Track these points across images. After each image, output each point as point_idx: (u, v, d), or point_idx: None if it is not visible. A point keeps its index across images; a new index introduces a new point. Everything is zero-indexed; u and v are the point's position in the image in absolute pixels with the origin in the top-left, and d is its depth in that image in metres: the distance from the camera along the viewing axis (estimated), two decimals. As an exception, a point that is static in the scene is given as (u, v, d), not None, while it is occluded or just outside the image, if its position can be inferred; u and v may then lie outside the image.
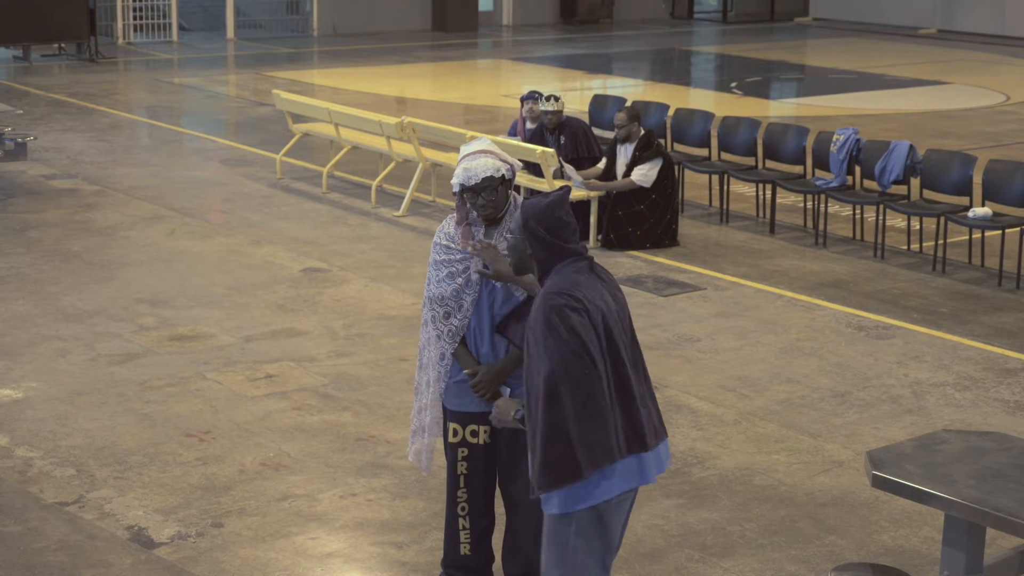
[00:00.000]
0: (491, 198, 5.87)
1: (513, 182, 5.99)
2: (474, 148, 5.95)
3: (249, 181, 15.03)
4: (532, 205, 5.26)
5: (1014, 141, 17.90)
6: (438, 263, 6.07)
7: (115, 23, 27.65)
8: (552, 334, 5.05)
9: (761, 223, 13.47)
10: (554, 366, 5.04)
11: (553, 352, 5.05)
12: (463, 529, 6.29)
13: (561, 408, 5.05)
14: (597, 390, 5.11)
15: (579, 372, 5.06)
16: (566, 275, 5.20)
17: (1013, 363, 9.67)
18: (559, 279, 5.19)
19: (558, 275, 5.21)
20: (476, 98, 21.86)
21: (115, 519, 7.12)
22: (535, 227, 5.22)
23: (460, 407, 6.14)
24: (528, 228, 5.23)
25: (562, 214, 5.26)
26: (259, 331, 10.06)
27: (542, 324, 5.08)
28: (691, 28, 33.06)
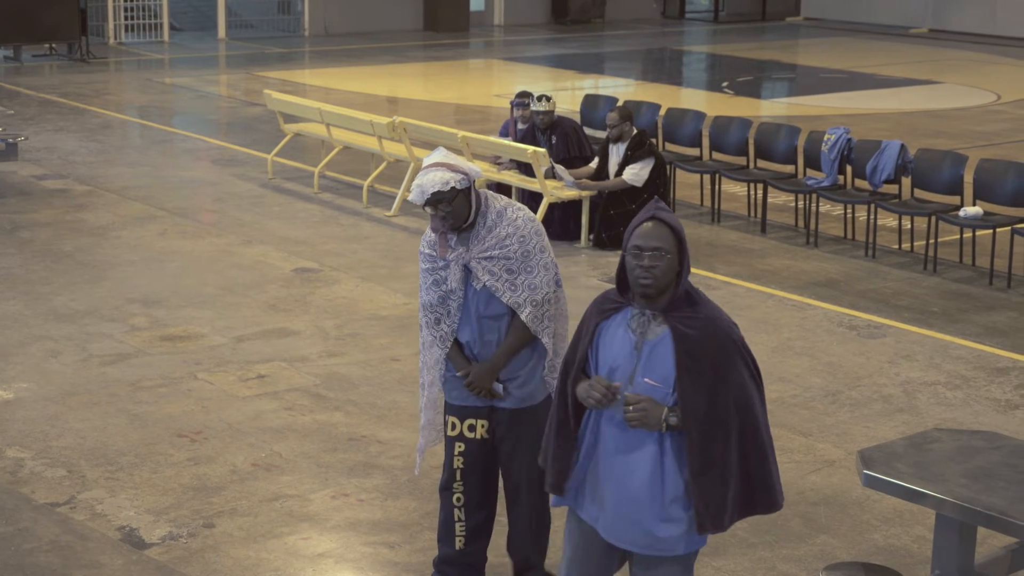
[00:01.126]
0: (447, 210, 5.95)
1: (471, 190, 6.00)
2: (427, 162, 6.04)
3: (240, 181, 15.02)
4: (675, 218, 4.99)
5: (1005, 140, 17.93)
6: (424, 271, 6.19)
7: (106, 23, 27.63)
8: (745, 366, 4.92)
9: (752, 223, 13.48)
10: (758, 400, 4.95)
11: (749, 383, 4.93)
12: (458, 521, 6.30)
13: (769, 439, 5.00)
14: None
15: (765, 406, 5.04)
16: (712, 303, 5.03)
17: (1004, 362, 9.68)
18: (715, 308, 4.99)
19: (701, 300, 5.00)
20: (468, 98, 21.86)
21: (106, 520, 7.11)
22: (685, 240, 4.99)
23: (459, 401, 6.17)
24: (682, 241, 4.96)
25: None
26: (250, 331, 10.05)
27: (734, 354, 4.90)
28: (682, 28, 33.07)
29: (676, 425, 4.84)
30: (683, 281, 4.93)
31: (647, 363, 4.89)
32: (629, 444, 4.92)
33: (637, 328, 4.94)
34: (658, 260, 4.84)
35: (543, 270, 6.07)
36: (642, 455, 4.90)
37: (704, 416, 4.82)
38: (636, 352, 4.92)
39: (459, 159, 6.08)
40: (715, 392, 4.83)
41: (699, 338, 4.85)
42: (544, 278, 6.06)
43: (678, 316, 4.89)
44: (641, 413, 4.82)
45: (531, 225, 6.09)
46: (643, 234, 4.87)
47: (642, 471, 4.90)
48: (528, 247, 6.04)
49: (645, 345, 4.90)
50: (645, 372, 4.88)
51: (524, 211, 6.15)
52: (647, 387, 4.86)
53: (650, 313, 4.92)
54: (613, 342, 4.98)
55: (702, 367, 4.83)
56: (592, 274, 11.64)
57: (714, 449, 4.84)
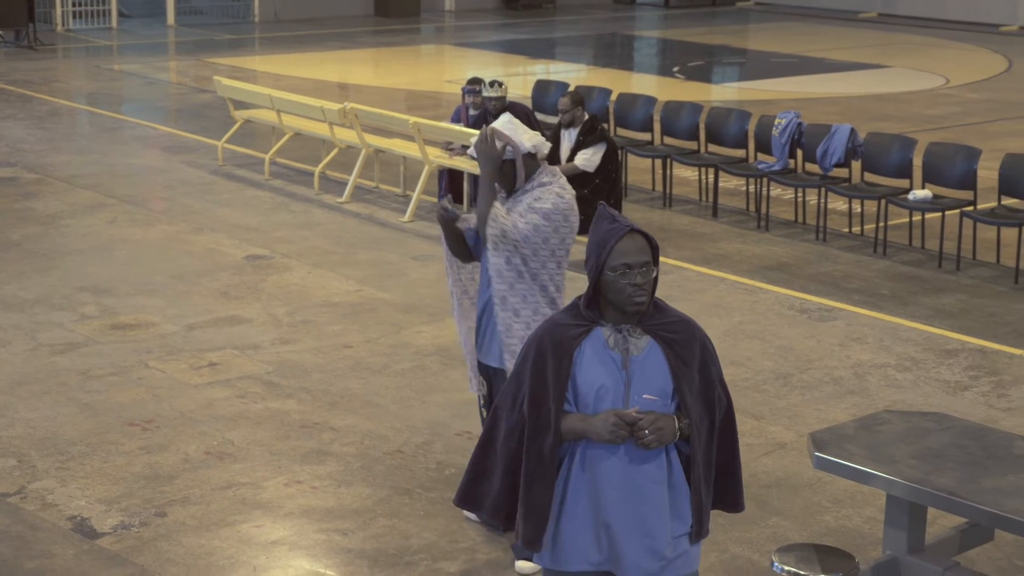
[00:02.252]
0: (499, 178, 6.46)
1: (519, 160, 6.42)
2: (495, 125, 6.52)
3: (190, 168, 14.94)
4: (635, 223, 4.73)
5: (954, 124, 18.04)
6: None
7: (54, 9, 27.39)
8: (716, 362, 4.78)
9: (704, 207, 13.52)
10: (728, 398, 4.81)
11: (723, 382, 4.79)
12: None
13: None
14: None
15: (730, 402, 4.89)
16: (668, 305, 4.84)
17: (953, 344, 9.75)
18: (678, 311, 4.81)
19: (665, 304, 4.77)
20: (419, 84, 21.81)
21: (57, 509, 7.07)
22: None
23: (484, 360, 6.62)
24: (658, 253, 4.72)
25: None
26: (202, 319, 10.01)
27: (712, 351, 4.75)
28: (633, 13, 33.10)
29: (687, 433, 4.60)
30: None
31: (640, 379, 4.58)
32: (633, 471, 4.59)
33: (617, 345, 4.61)
34: (648, 275, 4.56)
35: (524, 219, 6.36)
36: (648, 478, 4.60)
37: (703, 421, 4.65)
38: (623, 371, 4.58)
39: (516, 130, 6.44)
40: (706, 395, 4.66)
41: (683, 342, 4.63)
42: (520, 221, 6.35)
43: (654, 325, 4.63)
44: (658, 433, 4.51)
45: (557, 199, 6.40)
46: (627, 251, 4.56)
47: (652, 496, 4.60)
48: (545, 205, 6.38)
49: (632, 361, 4.59)
50: (641, 388, 4.58)
51: (564, 190, 6.47)
52: (647, 403, 4.57)
53: (626, 328, 4.62)
54: (593, 366, 4.60)
55: (691, 372, 4.63)
56: (544, 259, 11.62)
57: (711, 452, 4.70)
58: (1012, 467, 5.72)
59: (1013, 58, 25.05)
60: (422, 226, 12.67)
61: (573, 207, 6.44)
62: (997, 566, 6.61)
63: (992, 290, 10.97)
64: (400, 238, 12.31)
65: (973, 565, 6.47)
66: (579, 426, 4.57)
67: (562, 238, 6.41)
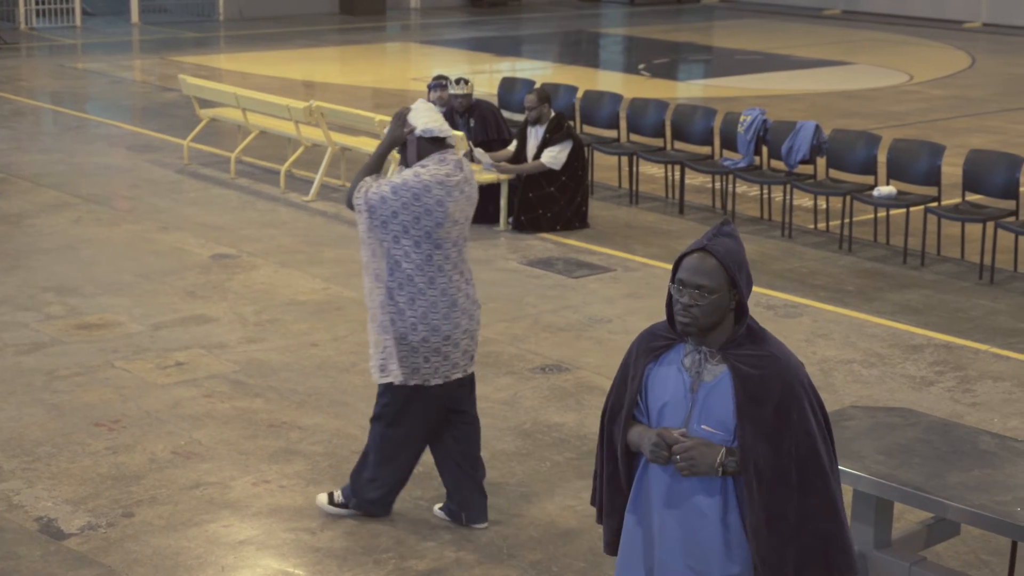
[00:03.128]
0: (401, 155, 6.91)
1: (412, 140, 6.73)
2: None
3: (156, 167, 14.89)
4: (733, 250, 4.41)
5: (918, 120, 18.13)
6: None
7: (17, 8, 27.25)
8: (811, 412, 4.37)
9: (670, 204, 13.55)
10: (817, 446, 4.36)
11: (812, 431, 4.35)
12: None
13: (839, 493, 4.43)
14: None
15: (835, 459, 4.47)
16: (777, 340, 4.45)
17: (919, 339, 9.80)
18: (777, 344, 4.42)
19: (765, 337, 4.43)
20: (385, 82, 21.78)
21: (24, 511, 7.04)
22: (743, 273, 4.41)
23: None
24: (738, 275, 4.38)
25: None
26: (168, 318, 9.98)
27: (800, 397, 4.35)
28: (599, 10, 33.13)
29: (734, 471, 4.31)
30: (744, 318, 4.38)
31: (703, 408, 4.35)
32: (684, 495, 4.39)
33: (692, 367, 4.38)
34: (699, 300, 4.29)
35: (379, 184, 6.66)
36: (696, 510, 4.38)
37: (766, 466, 4.28)
38: (691, 395, 4.36)
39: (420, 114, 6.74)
40: (779, 439, 4.28)
41: (762, 379, 4.29)
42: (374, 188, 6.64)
43: (738, 354, 4.34)
44: (690, 462, 4.30)
45: (412, 177, 6.60)
46: (688, 268, 4.34)
47: (700, 528, 4.39)
48: (396, 179, 6.64)
49: (701, 387, 4.35)
50: (702, 418, 4.34)
51: (427, 172, 6.61)
52: (705, 434, 4.33)
53: (706, 351, 4.37)
54: (665, 383, 4.42)
55: (765, 412, 4.28)
56: (511, 257, 11.65)
57: (777, 502, 4.30)
58: (978, 462, 5.75)
59: (976, 55, 25.20)
60: (389, 224, 12.64)
61: (429, 187, 6.56)
62: (964, 560, 6.65)
63: (957, 286, 11.03)
64: (367, 236, 12.27)
65: (940, 560, 6.51)
66: (635, 438, 4.46)
67: (415, 216, 6.55)
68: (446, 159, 6.70)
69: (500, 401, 8.55)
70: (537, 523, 7.00)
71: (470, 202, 6.75)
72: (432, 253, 6.59)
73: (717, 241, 4.36)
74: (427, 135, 6.68)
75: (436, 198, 6.55)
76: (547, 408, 8.46)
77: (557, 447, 7.90)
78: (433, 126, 6.69)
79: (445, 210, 6.55)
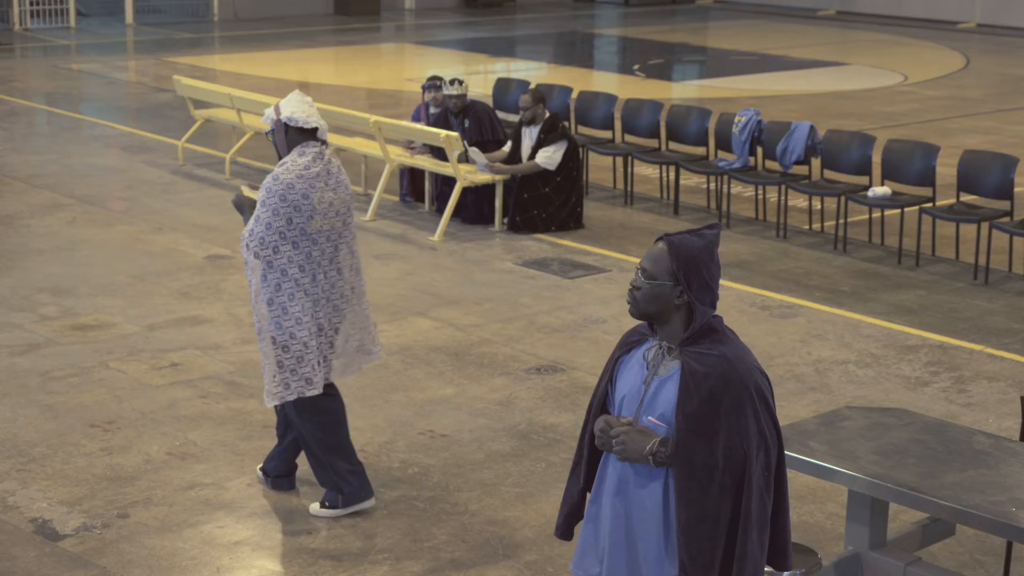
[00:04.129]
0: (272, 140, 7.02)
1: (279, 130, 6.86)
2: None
3: (150, 168, 14.88)
4: (689, 244, 4.41)
5: (912, 121, 18.14)
6: None
7: (11, 8, 27.22)
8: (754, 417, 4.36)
9: (665, 204, 13.55)
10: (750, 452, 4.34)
11: (748, 436, 4.34)
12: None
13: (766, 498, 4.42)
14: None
15: (769, 472, 4.43)
16: (737, 341, 4.46)
17: (913, 340, 9.81)
18: (735, 347, 4.42)
19: (724, 338, 4.43)
20: (379, 82, 21.78)
21: (19, 512, 7.03)
22: (697, 271, 4.40)
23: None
24: (688, 271, 4.38)
25: (717, 257, 4.50)
26: (163, 319, 9.97)
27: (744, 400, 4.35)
28: (593, 11, 33.14)
29: (664, 461, 4.36)
30: (701, 314, 4.39)
31: (652, 399, 4.43)
32: (630, 486, 4.47)
33: (652, 361, 4.47)
34: (640, 283, 4.39)
35: (254, 220, 6.69)
36: (639, 503, 4.45)
37: (698, 463, 4.32)
38: (644, 386, 4.46)
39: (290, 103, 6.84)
40: (713, 438, 4.31)
41: (706, 376, 4.33)
42: (250, 225, 6.69)
43: (691, 351, 4.39)
44: (622, 447, 4.38)
45: (269, 180, 6.72)
46: (647, 252, 4.46)
47: (641, 522, 4.45)
48: (260, 195, 6.72)
49: (654, 380, 4.44)
50: (649, 409, 4.42)
51: (284, 167, 6.73)
52: (651, 425, 4.40)
53: (666, 346, 4.45)
54: (628, 375, 4.53)
55: (704, 409, 4.32)
56: (506, 258, 11.65)
57: (704, 501, 4.33)
58: (972, 462, 5.75)
59: (971, 55, 25.22)
60: (384, 225, 12.66)
61: (292, 185, 6.67)
62: (959, 560, 6.66)
63: (951, 286, 11.04)
64: (361, 237, 12.28)
65: (935, 560, 6.52)
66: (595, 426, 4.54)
67: (287, 218, 6.66)
68: (306, 151, 6.79)
69: (495, 402, 8.55)
70: (532, 524, 7.00)
71: (336, 193, 6.81)
72: (311, 250, 6.71)
73: (682, 236, 4.43)
74: (291, 123, 6.79)
75: (300, 192, 6.67)
76: (542, 409, 8.46)
77: (552, 447, 7.90)
78: (298, 115, 6.79)
79: (311, 202, 6.67)
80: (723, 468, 4.32)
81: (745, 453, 4.33)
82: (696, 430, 4.32)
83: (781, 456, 4.47)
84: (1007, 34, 28.45)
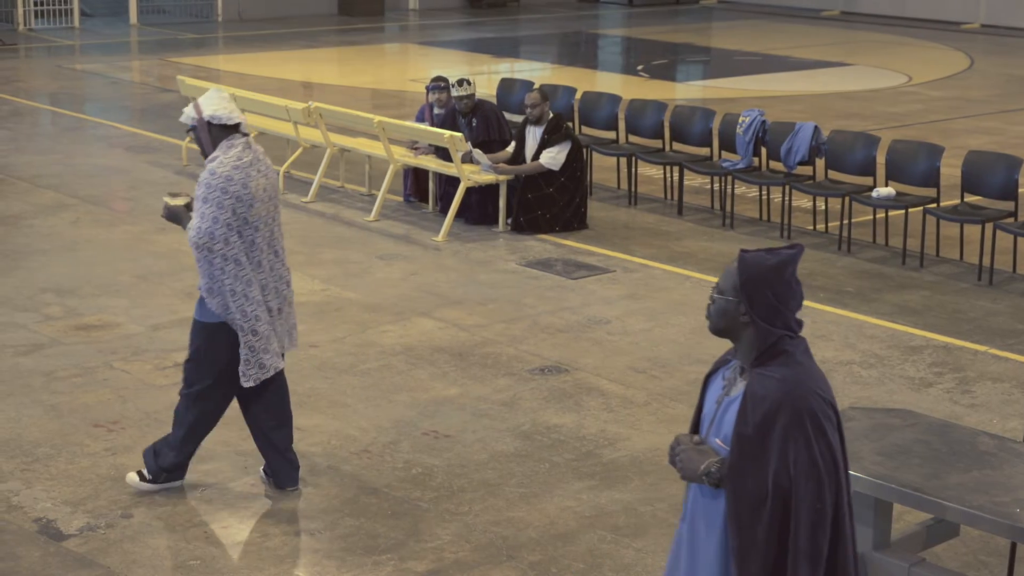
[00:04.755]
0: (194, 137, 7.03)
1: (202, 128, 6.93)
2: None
3: (154, 168, 14.88)
4: (759, 262, 4.36)
5: (916, 121, 18.13)
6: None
7: (15, 9, 27.23)
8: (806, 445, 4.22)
9: (669, 205, 13.55)
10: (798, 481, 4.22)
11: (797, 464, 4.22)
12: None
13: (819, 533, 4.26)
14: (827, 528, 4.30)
15: (823, 504, 4.25)
16: (808, 366, 4.34)
17: (917, 340, 9.80)
18: (801, 371, 4.30)
19: (791, 362, 4.31)
20: (383, 83, 21.78)
21: (23, 512, 7.03)
22: (761, 289, 4.33)
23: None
24: (751, 288, 4.32)
25: (793, 278, 4.42)
26: (167, 319, 9.97)
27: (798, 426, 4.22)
28: (597, 11, 33.13)
29: (716, 482, 4.29)
30: (764, 333, 4.32)
31: (720, 420, 4.37)
32: (699, 508, 4.42)
33: (728, 381, 4.43)
34: (711, 299, 4.37)
35: (199, 217, 6.80)
36: (710, 522, 4.39)
37: (749, 488, 4.23)
38: (716, 406, 4.42)
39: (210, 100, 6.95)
40: (764, 464, 4.22)
41: (763, 400, 4.23)
42: (196, 223, 6.80)
43: (757, 373, 4.30)
44: (680, 463, 4.35)
45: (207, 176, 6.82)
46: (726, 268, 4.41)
47: (702, 543, 4.41)
48: (198, 192, 6.84)
49: (725, 400, 4.38)
50: (717, 431, 4.37)
51: (218, 163, 6.82)
52: (717, 447, 4.36)
53: (739, 367, 4.40)
54: (711, 394, 4.49)
55: (757, 433, 4.22)
56: (510, 258, 11.65)
57: (756, 528, 4.23)
58: (976, 463, 5.75)
59: (975, 56, 25.20)
60: (387, 225, 12.66)
61: (230, 177, 6.82)
62: (963, 561, 6.65)
63: (956, 287, 11.03)
64: (365, 237, 12.29)
65: (939, 561, 6.51)
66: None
67: (232, 210, 6.82)
68: (233, 144, 6.91)
69: (499, 402, 8.55)
70: (536, 524, 7.00)
71: (268, 180, 7.00)
72: (254, 237, 6.90)
73: (756, 253, 4.37)
74: (215, 121, 6.91)
75: (240, 182, 6.82)
76: (546, 409, 8.46)
77: (556, 448, 7.89)
78: (221, 113, 6.92)
79: (250, 191, 6.84)
80: (772, 495, 4.22)
81: (791, 481, 4.21)
82: (748, 454, 4.24)
83: (840, 490, 4.30)
84: (1011, 35, 28.43)
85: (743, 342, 4.36)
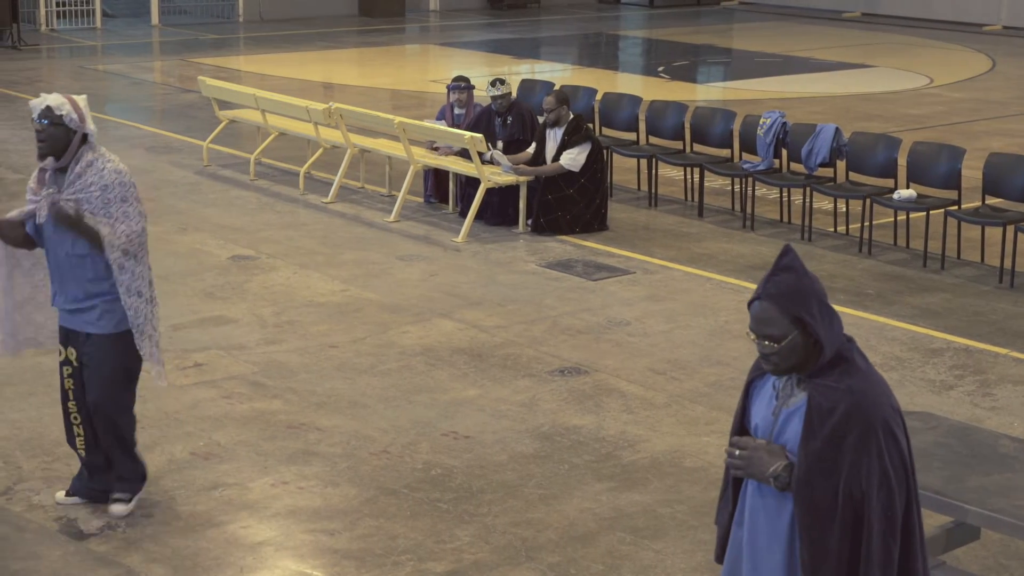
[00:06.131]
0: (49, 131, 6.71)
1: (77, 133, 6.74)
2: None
3: (175, 168, 14.92)
4: (786, 284, 4.32)
5: (938, 123, 18.08)
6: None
7: (38, 10, 27.34)
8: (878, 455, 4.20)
9: (689, 206, 13.53)
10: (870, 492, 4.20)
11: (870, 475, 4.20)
12: (78, 436, 7.04)
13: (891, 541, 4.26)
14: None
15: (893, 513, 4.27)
16: (868, 371, 4.34)
17: (938, 343, 9.77)
18: (864, 379, 4.30)
19: (853, 369, 4.31)
20: (404, 83, 21.80)
21: (44, 511, 7.05)
22: (807, 301, 4.31)
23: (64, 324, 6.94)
24: (803, 308, 4.28)
25: (808, 273, 4.40)
26: (187, 319, 9.99)
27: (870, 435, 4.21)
28: (618, 12, 33.12)
29: (784, 486, 4.26)
30: (827, 345, 4.28)
31: (780, 432, 4.33)
32: (761, 513, 4.39)
33: (781, 391, 4.37)
34: (772, 349, 4.25)
35: (124, 219, 6.72)
36: (773, 529, 4.37)
37: (819, 501, 4.20)
38: (773, 418, 4.36)
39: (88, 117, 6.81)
40: (835, 476, 4.19)
41: (831, 412, 4.20)
42: (125, 228, 6.71)
43: (820, 384, 4.26)
44: (745, 461, 4.30)
45: (115, 176, 6.72)
46: (754, 318, 4.30)
47: (764, 548, 4.39)
48: (108, 196, 6.69)
49: (783, 412, 4.34)
50: (778, 442, 4.33)
51: (113, 164, 6.76)
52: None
53: (795, 377, 4.34)
54: (760, 403, 4.45)
55: (827, 446, 4.19)
56: (530, 259, 11.65)
57: (828, 540, 4.21)
58: (997, 466, 5.73)
59: (996, 58, 25.13)
60: (408, 226, 12.67)
61: (121, 171, 6.81)
62: (984, 564, 6.63)
63: (977, 289, 11.00)
64: (385, 238, 12.30)
65: (960, 564, 6.49)
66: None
67: (138, 198, 6.84)
68: (93, 148, 6.84)
69: (519, 403, 8.55)
70: (555, 525, 7.00)
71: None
72: (145, 226, 6.92)
73: (774, 283, 4.30)
74: (90, 136, 6.82)
75: (129, 174, 6.85)
76: (566, 411, 8.46)
77: (576, 449, 7.89)
78: (93, 130, 6.85)
79: (133, 181, 6.87)
80: (842, 506, 4.20)
81: (864, 493, 4.19)
82: (818, 468, 4.21)
83: (910, 497, 4.31)
84: (1033, 36, 28.35)
85: (806, 365, 4.29)
